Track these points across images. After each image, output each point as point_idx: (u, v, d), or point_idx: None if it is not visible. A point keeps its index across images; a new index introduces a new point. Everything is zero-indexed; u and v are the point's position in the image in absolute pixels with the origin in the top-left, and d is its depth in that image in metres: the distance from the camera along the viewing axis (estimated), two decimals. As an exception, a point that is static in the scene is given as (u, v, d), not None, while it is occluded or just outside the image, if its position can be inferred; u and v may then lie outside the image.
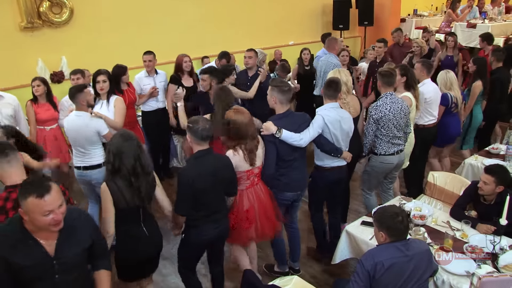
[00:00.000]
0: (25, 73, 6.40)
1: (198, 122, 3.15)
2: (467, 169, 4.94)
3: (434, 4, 12.93)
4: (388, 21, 10.60)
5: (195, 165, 3.16)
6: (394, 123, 4.17)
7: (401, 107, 4.19)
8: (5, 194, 2.58)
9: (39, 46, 6.86)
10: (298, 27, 10.09)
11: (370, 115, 4.20)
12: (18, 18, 6.63)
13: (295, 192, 3.79)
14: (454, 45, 7.25)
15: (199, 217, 3.21)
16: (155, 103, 5.88)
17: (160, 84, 5.89)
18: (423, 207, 3.88)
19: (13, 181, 2.61)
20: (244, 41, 8.47)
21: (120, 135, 2.99)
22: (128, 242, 3.03)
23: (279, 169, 3.63)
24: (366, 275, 2.67)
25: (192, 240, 3.29)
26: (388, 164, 4.34)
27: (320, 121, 3.72)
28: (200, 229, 3.24)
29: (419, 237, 3.34)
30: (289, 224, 4.06)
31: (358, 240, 3.57)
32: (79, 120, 4.14)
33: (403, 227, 2.76)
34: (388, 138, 4.23)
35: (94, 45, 7.21)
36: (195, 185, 3.07)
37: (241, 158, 3.40)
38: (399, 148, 4.33)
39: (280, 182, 3.70)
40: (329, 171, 3.95)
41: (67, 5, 6.90)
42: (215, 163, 3.20)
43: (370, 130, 4.22)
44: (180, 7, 8.21)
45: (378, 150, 4.31)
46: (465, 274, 2.99)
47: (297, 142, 3.56)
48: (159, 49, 6.29)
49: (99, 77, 4.64)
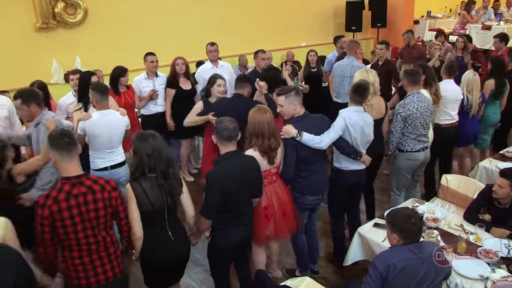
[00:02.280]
0: (39, 73, 6.49)
1: (222, 122, 3.12)
2: (481, 172, 4.89)
3: (448, 5, 12.84)
4: (401, 23, 10.55)
5: (223, 166, 3.09)
6: (421, 121, 4.21)
7: (427, 105, 4.23)
8: (60, 185, 2.63)
9: (53, 46, 6.97)
10: (311, 28, 10.09)
11: (398, 113, 4.22)
12: (34, 19, 6.73)
13: (316, 196, 3.75)
14: (463, 46, 7.22)
15: (225, 220, 3.15)
16: (154, 106, 5.79)
17: (160, 87, 5.78)
18: (436, 210, 3.84)
19: (69, 174, 2.65)
20: (257, 43, 8.49)
21: (146, 135, 2.94)
22: (153, 246, 2.97)
23: (299, 172, 3.61)
24: (378, 277, 2.65)
25: (219, 244, 3.22)
26: (415, 160, 4.36)
27: (342, 123, 3.68)
28: (227, 232, 3.18)
29: (432, 240, 3.31)
30: (308, 227, 4.03)
31: (370, 242, 3.54)
32: (109, 118, 4.07)
33: (416, 229, 2.74)
34: (414, 135, 4.26)
35: (107, 45, 7.29)
36: (224, 188, 3.01)
37: (258, 156, 3.37)
38: (424, 145, 4.36)
39: (300, 185, 3.67)
40: (349, 174, 3.92)
41: (81, 6, 6.99)
42: (242, 165, 3.16)
43: (398, 127, 4.24)
44: (193, 8, 8.27)
45: (405, 147, 4.32)
46: (479, 278, 2.96)
47: (318, 145, 3.52)
48: (171, 50, 6.34)
49: (93, 77, 4.62)
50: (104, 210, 2.72)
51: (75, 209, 2.60)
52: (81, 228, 2.64)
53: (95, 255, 2.74)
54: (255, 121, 3.36)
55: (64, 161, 2.64)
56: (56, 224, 2.58)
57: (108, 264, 2.80)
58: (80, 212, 2.62)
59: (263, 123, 3.34)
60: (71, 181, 2.64)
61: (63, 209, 2.57)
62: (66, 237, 2.63)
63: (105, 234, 2.78)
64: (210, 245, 3.30)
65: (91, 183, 2.70)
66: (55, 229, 2.60)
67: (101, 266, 2.77)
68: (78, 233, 2.64)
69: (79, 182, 2.66)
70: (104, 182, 2.76)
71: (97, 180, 2.75)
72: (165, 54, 6.69)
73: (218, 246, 3.23)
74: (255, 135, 3.36)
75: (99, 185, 2.71)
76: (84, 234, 2.66)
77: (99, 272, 2.76)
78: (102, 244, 2.75)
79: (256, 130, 3.35)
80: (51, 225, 2.57)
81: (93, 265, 2.74)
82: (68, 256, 2.70)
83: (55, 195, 2.59)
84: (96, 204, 2.67)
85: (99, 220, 2.71)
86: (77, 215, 2.61)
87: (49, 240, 2.62)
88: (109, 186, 2.76)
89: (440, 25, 11.38)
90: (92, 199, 2.66)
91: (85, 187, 2.66)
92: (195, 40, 8.01)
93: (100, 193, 2.69)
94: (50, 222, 2.56)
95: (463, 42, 7.22)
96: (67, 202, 2.58)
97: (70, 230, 2.61)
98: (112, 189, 2.77)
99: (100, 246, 2.75)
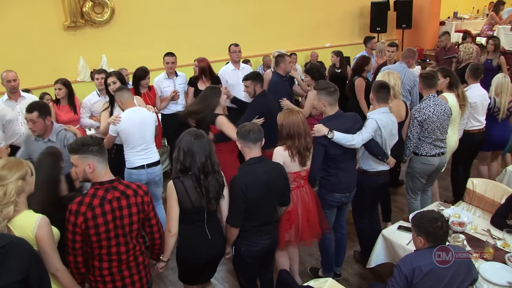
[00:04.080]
0: (67, 70, 6.64)
1: (245, 125, 3.10)
2: (509, 176, 4.78)
3: (475, 6, 12.59)
4: (427, 24, 10.42)
5: (247, 172, 3.03)
6: (438, 125, 4.17)
7: (444, 109, 4.18)
8: (93, 190, 2.59)
9: (81, 44, 7.11)
10: (335, 29, 10.04)
11: (414, 118, 4.19)
12: (62, 18, 6.88)
13: (343, 194, 3.74)
14: (494, 48, 7.06)
15: (250, 228, 3.07)
16: (174, 106, 5.80)
17: (180, 86, 5.81)
18: (462, 214, 3.78)
19: (101, 179, 2.63)
20: (280, 43, 8.50)
21: (190, 133, 2.92)
22: (189, 243, 2.96)
23: (328, 169, 3.62)
24: (403, 279, 2.62)
25: (243, 252, 3.14)
26: (429, 165, 4.31)
27: (374, 124, 3.67)
28: (251, 240, 3.10)
29: (458, 244, 3.26)
30: (337, 228, 4.02)
31: (395, 244, 3.51)
32: (139, 113, 4.08)
33: (442, 232, 2.70)
34: (431, 140, 4.22)
35: (133, 44, 7.41)
36: (247, 194, 2.94)
37: (288, 157, 3.34)
38: (441, 150, 4.30)
39: (328, 183, 3.68)
40: (377, 176, 3.91)
41: (108, 5, 7.11)
42: (268, 171, 3.06)
43: (415, 132, 4.20)
44: (219, 8, 8.32)
45: (420, 151, 4.28)
46: (508, 285, 2.90)
47: (350, 143, 3.51)
48: (194, 49, 6.39)
49: (109, 79, 4.63)
50: (137, 216, 2.66)
51: (110, 215, 2.55)
52: (113, 235, 2.59)
53: (124, 265, 2.68)
54: (290, 122, 3.33)
55: (100, 167, 2.61)
56: (90, 232, 2.52)
57: (136, 275, 2.74)
58: (114, 218, 2.57)
59: (299, 124, 3.33)
60: (104, 186, 2.60)
61: (97, 215, 2.52)
62: (98, 245, 2.58)
63: (136, 242, 2.72)
64: (235, 254, 3.21)
65: (124, 187, 2.65)
66: (88, 237, 2.55)
67: (129, 277, 2.71)
68: (111, 240, 2.59)
69: (113, 187, 2.62)
70: (136, 186, 2.72)
71: (130, 184, 2.71)
72: (189, 53, 6.77)
73: (241, 254, 3.15)
74: (291, 137, 3.32)
75: (132, 190, 2.67)
76: (116, 241, 2.61)
77: (127, 284, 2.70)
78: (131, 253, 2.70)
79: (293, 131, 3.31)
80: (83, 233, 2.52)
81: (122, 275, 2.68)
82: (97, 266, 2.64)
83: (89, 201, 2.53)
84: (130, 209, 2.63)
85: (132, 226, 2.66)
86: (111, 221, 2.56)
87: (80, 249, 2.57)
88: (141, 191, 2.71)
89: (467, 26, 11.17)
90: (126, 204, 2.62)
91: (118, 191, 2.62)
92: (219, 39, 8.06)
93: (133, 197, 2.65)
94: (83, 230, 2.51)
95: (493, 44, 7.07)
96: (102, 208, 2.53)
97: (103, 238, 2.56)
98: (144, 194, 2.72)
99: (130, 255, 2.69)
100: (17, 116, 4.78)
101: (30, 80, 6.33)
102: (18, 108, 4.80)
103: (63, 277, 2.51)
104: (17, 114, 4.79)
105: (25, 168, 2.47)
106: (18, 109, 4.77)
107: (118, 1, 7.23)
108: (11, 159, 2.51)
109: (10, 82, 4.75)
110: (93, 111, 5.15)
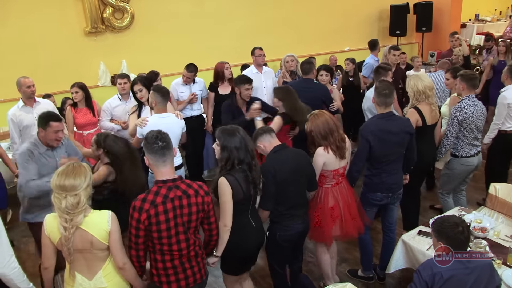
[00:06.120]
0: (88, 75, 6.76)
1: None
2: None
3: (498, 8, 12.37)
4: (447, 27, 10.25)
5: (275, 158, 3.23)
6: (476, 125, 4.28)
7: (481, 109, 4.31)
8: (156, 188, 2.63)
9: (101, 50, 7.21)
10: (354, 32, 9.97)
11: (454, 116, 4.26)
12: (83, 23, 6.99)
13: (385, 194, 3.78)
14: (505, 50, 7.20)
15: (282, 212, 3.26)
16: (189, 111, 5.79)
17: (197, 93, 5.80)
18: (484, 219, 3.71)
19: (164, 177, 2.67)
20: (299, 47, 8.49)
21: (233, 130, 3.02)
22: (239, 233, 3.03)
23: (371, 169, 3.74)
24: (424, 285, 2.57)
25: (278, 237, 3.31)
26: (469, 166, 4.42)
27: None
28: (285, 225, 3.28)
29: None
30: (386, 231, 4.05)
31: (415, 250, 3.46)
32: (167, 120, 4.07)
33: (464, 238, 2.64)
34: (469, 139, 4.32)
35: (152, 48, 7.49)
36: (277, 177, 3.13)
37: (331, 156, 3.47)
38: (478, 149, 4.42)
39: (371, 182, 3.77)
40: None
41: (128, 11, 7.20)
42: (294, 157, 3.30)
43: (453, 131, 4.29)
44: (237, 13, 8.36)
45: (460, 153, 4.36)
46: (531, 291, 2.83)
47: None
48: (213, 54, 6.41)
49: (135, 87, 4.67)
50: (196, 215, 2.70)
51: (171, 213, 2.60)
52: (174, 233, 2.63)
53: (185, 258, 2.73)
54: (320, 124, 3.46)
55: (158, 165, 2.65)
56: (152, 228, 2.57)
57: (196, 266, 2.80)
58: (175, 216, 2.62)
59: (327, 122, 3.46)
60: (167, 184, 2.64)
61: (160, 213, 2.56)
62: (159, 242, 2.63)
63: (194, 237, 2.78)
64: (270, 239, 3.36)
65: (186, 187, 2.69)
66: (149, 233, 2.60)
67: (190, 268, 2.77)
68: (172, 237, 2.63)
69: (175, 186, 2.65)
70: (197, 186, 2.74)
71: (191, 184, 2.74)
72: (208, 57, 6.80)
73: (275, 238, 3.31)
74: (324, 137, 3.46)
75: (193, 190, 2.70)
76: (176, 239, 2.65)
77: (189, 275, 2.77)
78: (192, 248, 2.75)
79: (325, 131, 3.45)
80: (146, 229, 2.57)
81: (183, 267, 2.74)
82: (160, 259, 2.70)
83: (152, 199, 2.58)
84: (190, 208, 2.66)
85: (191, 224, 2.70)
86: (172, 218, 2.60)
87: (142, 244, 2.64)
88: (202, 191, 2.74)
89: (489, 28, 10.99)
90: (187, 203, 2.66)
91: (180, 191, 2.66)
92: (237, 43, 8.09)
93: (194, 197, 2.68)
94: (146, 226, 2.56)
95: (504, 46, 7.18)
96: (164, 205, 2.58)
97: (164, 235, 2.61)
98: (205, 194, 2.75)
99: (191, 250, 2.74)
100: (34, 121, 4.81)
101: (52, 85, 6.46)
102: (34, 113, 4.86)
103: (130, 269, 2.66)
104: (33, 119, 4.83)
105: (89, 173, 2.58)
106: (35, 114, 4.82)
107: (137, 7, 7.32)
108: (75, 166, 2.59)
109: (30, 87, 4.85)
110: (114, 114, 5.22)
